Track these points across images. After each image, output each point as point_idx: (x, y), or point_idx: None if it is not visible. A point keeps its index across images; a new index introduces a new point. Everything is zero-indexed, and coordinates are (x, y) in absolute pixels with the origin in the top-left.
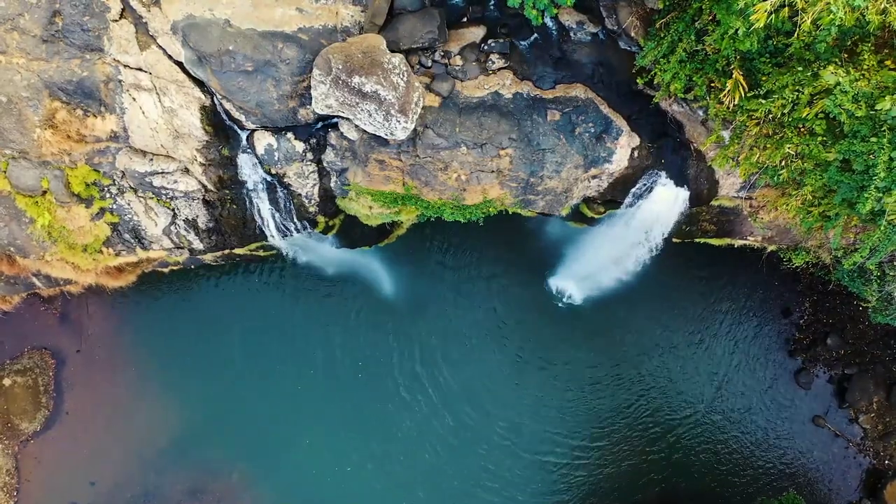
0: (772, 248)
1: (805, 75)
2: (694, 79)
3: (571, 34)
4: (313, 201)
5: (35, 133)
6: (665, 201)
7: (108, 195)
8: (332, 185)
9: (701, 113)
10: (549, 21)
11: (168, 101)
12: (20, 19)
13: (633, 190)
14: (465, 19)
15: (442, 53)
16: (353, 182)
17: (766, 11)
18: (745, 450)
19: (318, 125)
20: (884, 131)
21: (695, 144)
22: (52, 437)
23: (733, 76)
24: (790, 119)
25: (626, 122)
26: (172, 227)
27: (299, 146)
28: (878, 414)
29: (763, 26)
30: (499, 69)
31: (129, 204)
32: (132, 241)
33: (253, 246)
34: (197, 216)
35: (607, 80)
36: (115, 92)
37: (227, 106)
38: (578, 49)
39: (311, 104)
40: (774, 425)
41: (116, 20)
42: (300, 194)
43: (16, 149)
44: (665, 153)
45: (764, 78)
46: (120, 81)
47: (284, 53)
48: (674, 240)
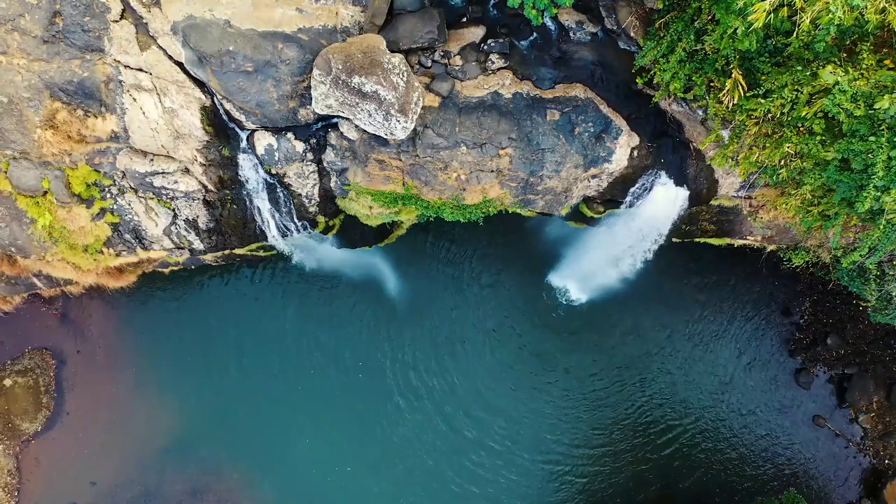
0: (771, 247)
1: (804, 75)
2: (693, 78)
3: (571, 34)
4: (313, 201)
5: (36, 133)
6: (665, 201)
7: (108, 195)
8: (332, 185)
9: (700, 112)
10: (548, 21)
11: (168, 101)
12: (21, 20)
13: (633, 189)
14: (464, 19)
15: (442, 53)
16: (353, 182)
17: (765, 11)
18: (745, 449)
19: (318, 125)
20: (882, 130)
21: (694, 144)
22: (52, 437)
23: (732, 76)
24: (789, 118)
25: (626, 121)
26: (173, 228)
27: (299, 146)
28: (878, 413)
29: (762, 26)
30: (498, 69)
31: (129, 204)
32: (133, 241)
33: (253, 246)
34: (197, 216)
35: (607, 79)
36: (115, 92)
37: (228, 106)
38: (578, 49)
39: (311, 104)
40: (775, 425)
41: (117, 21)
42: (300, 194)
43: (17, 149)
44: (664, 153)
45: (763, 77)
46: (120, 82)
47: (284, 54)
48: (673, 239)
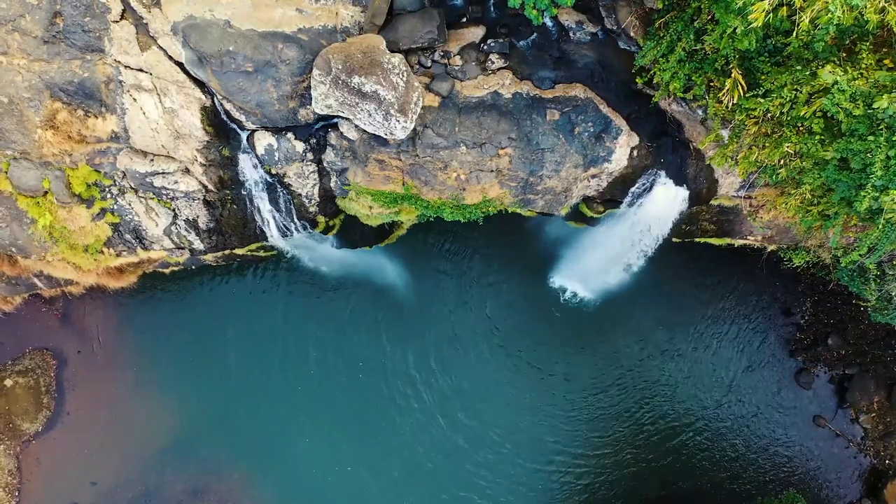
0: (772, 247)
1: (803, 74)
2: (693, 78)
3: (571, 34)
4: (313, 201)
5: (36, 134)
6: (664, 201)
7: (108, 195)
8: (332, 185)
9: (700, 112)
10: (548, 21)
11: (168, 101)
12: (21, 20)
13: (633, 189)
14: (464, 19)
15: (441, 53)
16: (353, 182)
17: (764, 11)
18: (745, 449)
19: (318, 125)
20: (881, 130)
21: (694, 143)
22: (53, 437)
23: (732, 75)
24: (789, 118)
25: (626, 121)
26: (173, 228)
27: (299, 146)
28: (878, 414)
29: (761, 25)
30: (498, 69)
31: (129, 204)
32: (133, 241)
33: (253, 246)
34: (197, 216)
35: (607, 79)
36: (115, 92)
37: (228, 106)
38: (578, 49)
39: (311, 104)
40: (775, 425)
41: (117, 21)
42: (300, 194)
43: (17, 149)
44: (664, 152)
45: (763, 77)
46: (121, 82)
47: (284, 54)
48: (674, 239)
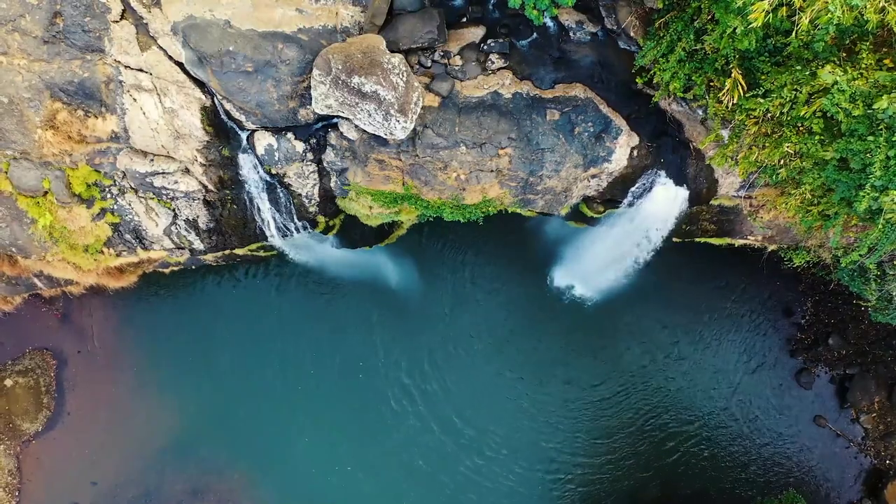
0: (772, 247)
1: (803, 74)
2: (693, 78)
3: (571, 34)
4: (313, 201)
5: (36, 134)
6: (664, 201)
7: (108, 195)
8: (332, 185)
9: (700, 112)
10: (548, 21)
11: (168, 101)
12: (21, 20)
13: (633, 189)
14: (464, 19)
15: (441, 53)
16: (353, 182)
17: (764, 11)
18: (745, 449)
19: (318, 125)
20: (881, 130)
21: (694, 143)
22: (53, 437)
23: (732, 75)
24: (788, 118)
25: (626, 121)
26: (173, 228)
27: (299, 146)
28: (879, 414)
29: (761, 25)
30: (498, 69)
31: (129, 204)
32: (133, 241)
33: (253, 246)
34: (197, 216)
35: (607, 79)
36: (115, 93)
37: (228, 106)
38: (578, 49)
39: (311, 104)
40: (775, 425)
41: (117, 21)
42: (300, 194)
43: (17, 149)
44: (664, 152)
45: (763, 77)
46: (121, 82)
47: (284, 54)
48: (674, 239)
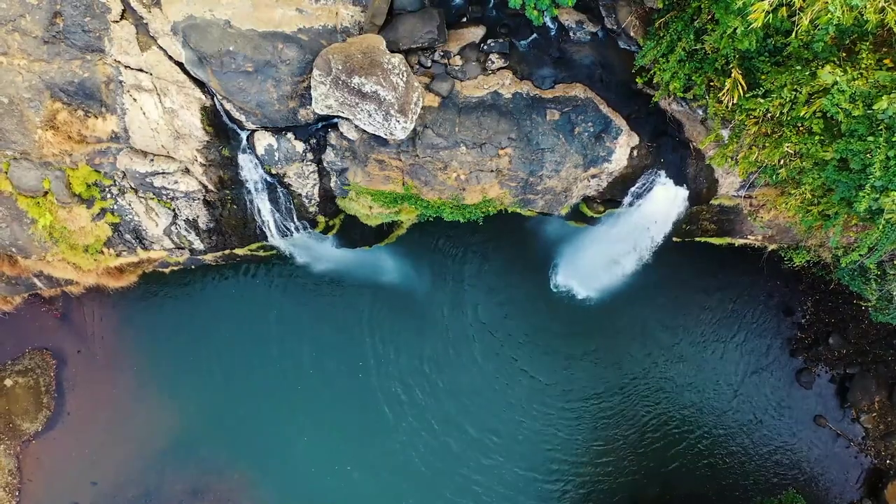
0: (772, 247)
1: (803, 74)
2: (693, 78)
3: (571, 34)
4: (313, 201)
5: (36, 134)
6: (664, 200)
7: (108, 196)
8: (332, 185)
9: (700, 112)
10: (548, 21)
11: (169, 101)
12: (21, 20)
13: (633, 189)
14: (464, 19)
15: (441, 53)
16: (353, 182)
17: (764, 11)
18: (745, 449)
19: (318, 125)
20: (881, 130)
21: (694, 143)
22: (53, 437)
23: (732, 75)
24: (788, 118)
25: (626, 121)
26: (173, 228)
27: (299, 146)
28: (879, 414)
29: (761, 25)
30: (498, 69)
31: (129, 204)
32: (133, 241)
33: (253, 246)
34: (197, 216)
35: (607, 79)
36: (115, 93)
37: (228, 106)
38: (578, 49)
39: (311, 104)
40: (775, 425)
41: (117, 21)
42: (300, 194)
43: (17, 150)
44: (664, 152)
45: (763, 77)
46: (121, 82)
47: (284, 54)
48: (674, 239)
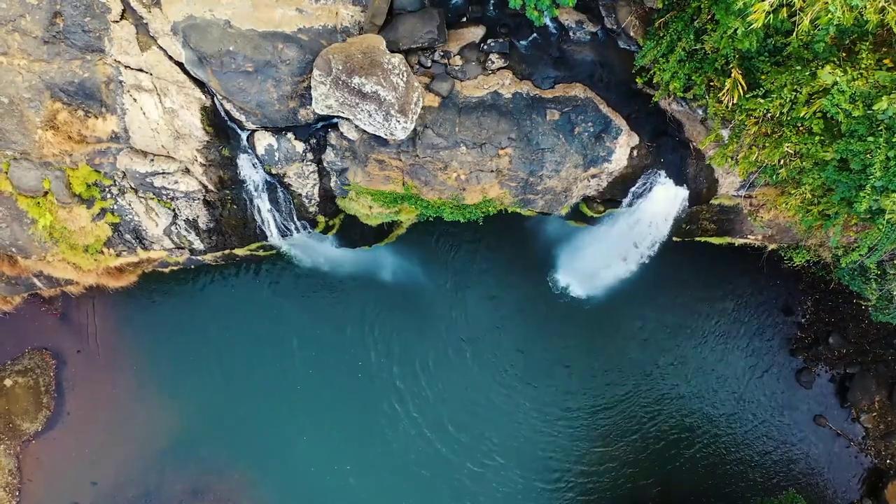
0: (772, 246)
1: (803, 75)
2: (693, 78)
3: (571, 34)
4: (313, 201)
5: (36, 134)
6: (664, 200)
7: (108, 196)
8: (332, 185)
9: (700, 112)
10: (548, 21)
11: (169, 101)
12: (21, 20)
13: (633, 189)
14: (464, 19)
15: (441, 53)
16: (353, 182)
17: (765, 12)
18: (745, 449)
19: (319, 125)
20: (881, 131)
21: (694, 143)
22: (53, 437)
23: (732, 75)
24: (788, 118)
25: (626, 121)
26: (173, 228)
27: (299, 146)
28: (879, 413)
29: (762, 26)
30: (498, 69)
31: (129, 204)
32: (133, 241)
33: (253, 246)
34: (197, 216)
35: (607, 79)
36: (115, 93)
37: (228, 106)
38: (578, 49)
39: (311, 104)
40: (775, 424)
41: (117, 21)
42: (300, 194)
43: (17, 150)
44: (664, 152)
45: (763, 77)
46: (121, 82)
47: (284, 54)
48: (674, 239)
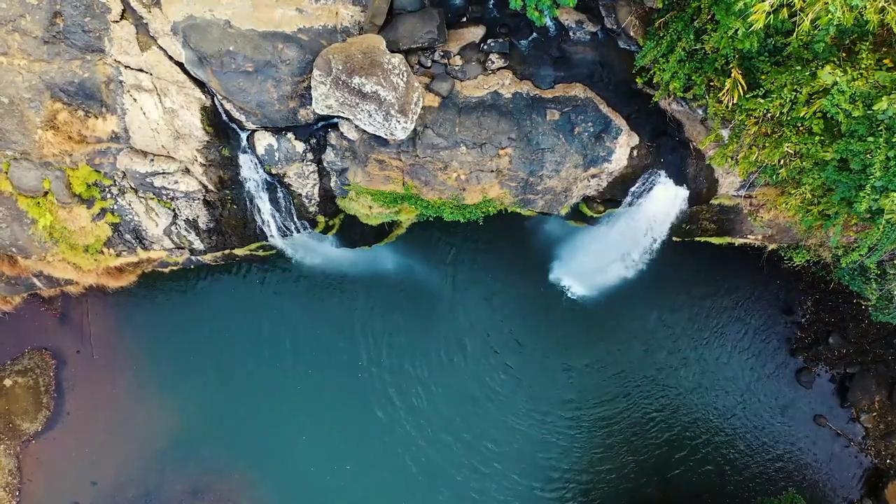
0: (772, 246)
1: (803, 75)
2: (693, 78)
3: (571, 34)
4: (313, 201)
5: (37, 134)
6: (664, 200)
7: (109, 196)
8: (332, 185)
9: (700, 112)
10: (548, 21)
11: (169, 101)
12: (21, 21)
13: (633, 189)
14: (464, 19)
15: (441, 53)
16: (353, 182)
17: (765, 12)
18: (745, 449)
19: (319, 125)
20: (881, 131)
21: (694, 143)
22: (53, 437)
23: (732, 75)
24: (788, 118)
25: (626, 121)
26: (173, 228)
27: (299, 146)
28: (879, 413)
29: (762, 26)
30: (498, 69)
31: (129, 204)
32: (133, 241)
33: (253, 246)
34: (197, 216)
35: (607, 79)
36: (115, 93)
37: (228, 106)
38: (578, 48)
39: (311, 104)
40: (775, 424)
41: (117, 21)
42: (300, 194)
43: (17, 150)
44: (664, 152)
45: (763, 77)
46: (121, 82)
47: (284, 54)
48: (674, 239)
